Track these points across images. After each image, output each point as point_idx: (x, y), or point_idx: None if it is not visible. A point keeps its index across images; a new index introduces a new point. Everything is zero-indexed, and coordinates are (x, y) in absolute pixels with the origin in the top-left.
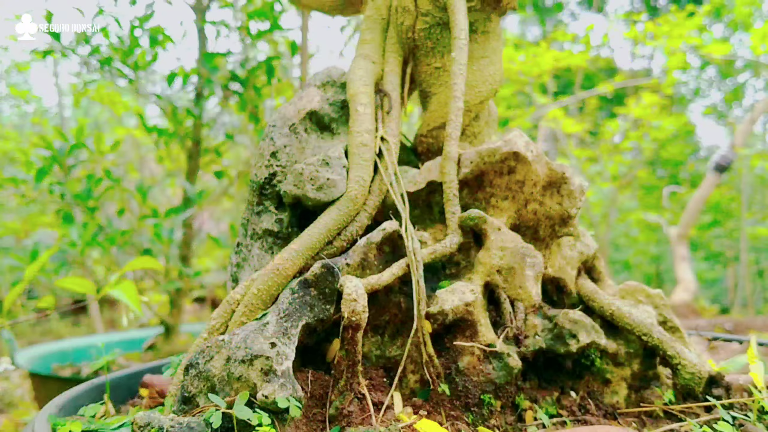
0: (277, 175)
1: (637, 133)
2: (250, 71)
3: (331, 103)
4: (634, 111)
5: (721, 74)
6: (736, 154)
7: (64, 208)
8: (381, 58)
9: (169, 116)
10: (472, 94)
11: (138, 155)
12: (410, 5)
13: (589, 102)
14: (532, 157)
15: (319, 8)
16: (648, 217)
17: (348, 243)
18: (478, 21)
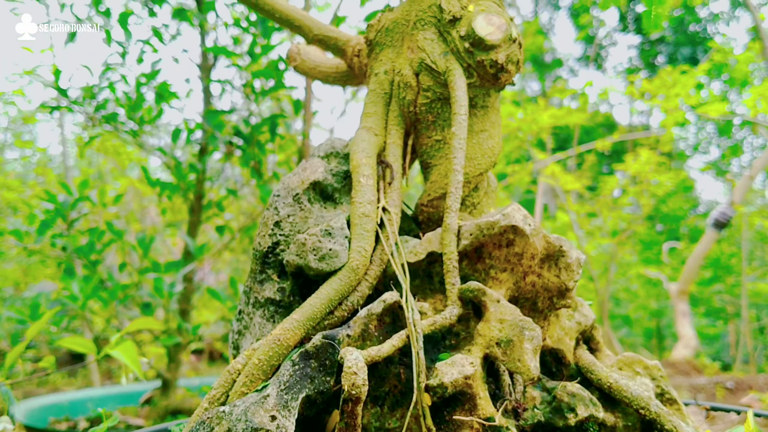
0: (280, 244)
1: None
2: (254, 127)
3: (334, 173)
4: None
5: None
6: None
7: (66, 261)
8: (383, 130)
9: (172, 170)
10: (471, 166)
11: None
12: (412, 81)
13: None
14: (530, 231)
15: (322, 79)
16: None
17: (349, 312)
18: (477, 96)
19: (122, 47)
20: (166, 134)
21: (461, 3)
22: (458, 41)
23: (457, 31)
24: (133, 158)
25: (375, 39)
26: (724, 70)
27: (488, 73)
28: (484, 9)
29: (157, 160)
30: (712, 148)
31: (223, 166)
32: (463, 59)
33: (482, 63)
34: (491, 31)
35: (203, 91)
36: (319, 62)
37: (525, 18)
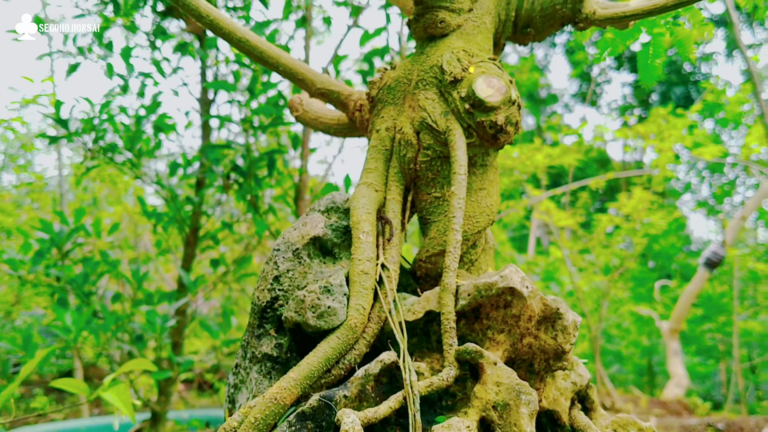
0: (279, 299)
1: (629, 226)
2: (252, 162)
3: (334, 228)
4: (625, 207)
5: (710, 169)
6: (726, 250)
7: (59, 291)
8: (383, 186)
9: (168, 203)
10: (470, 224)
11: (134, 231)
12: (413, 139)
13: (581, 194)
14: (528, 293)
15: (323, 130)
16: (640, 310)
17: (346, 371)
18: (476, 155)
19: (124, 80)
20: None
21: (462, 65)
22: (459, 102)
23: (458, 92)
24: (129, 188)
25: (377, 96)
26: (716, 110)
27: (488, 133)
28: (485, 71)
29: (153, 185)
30: (704, 187)
31: (219, 199)
32: (463, 119)
33: (482, 124)
34: (491, 94)
35: (202, 126)
36: (320, 113)
37: (521, 54)
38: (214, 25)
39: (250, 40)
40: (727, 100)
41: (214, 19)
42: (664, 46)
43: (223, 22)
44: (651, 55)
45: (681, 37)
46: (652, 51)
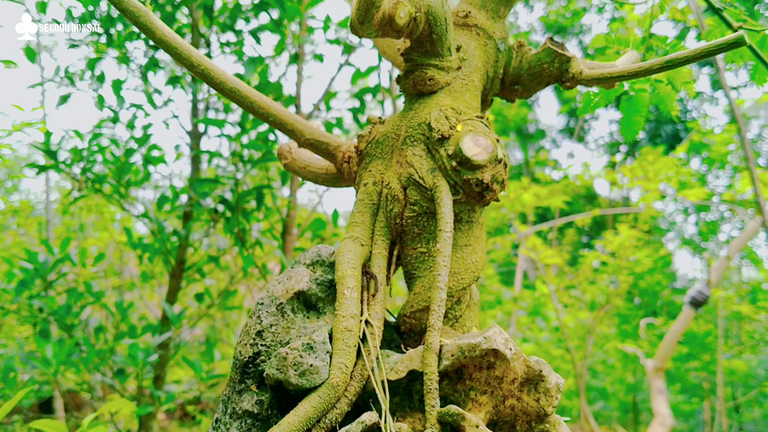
0: (261, 355)
1: (615, 262)
2: (240, 196)
3: (319, 282)
4: (612, 244)
5: (696, 208)
6: (711, 290)
7: (42, 322)
8: (369, 240)
9: (155, 235)
10: (455, 280)
11: (120, 257)
12: (400, 195)
13: (568, 231)
14: (511, 355)
15: (312, 179)
16: (625, 348)
17: (327, 430)
18: (462, 212)
19: (114, 112)
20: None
21: (450, 122)
22: (446, 159)
23: (445, 150)
24: (115, 219)
25: (366, 150)
26: (702, 150)
27: (474, 191)
28: (472, 129)
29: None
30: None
31: (206, 232)
32: (450, 177)
33: (468, 182)
34: (478, 152)
35: (191, 159)
36: (309, 162)
37: None
38: (206, 74)
39: (241, 90)
40: (713, 140)
41: (206, 68)
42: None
43: (215, 72)
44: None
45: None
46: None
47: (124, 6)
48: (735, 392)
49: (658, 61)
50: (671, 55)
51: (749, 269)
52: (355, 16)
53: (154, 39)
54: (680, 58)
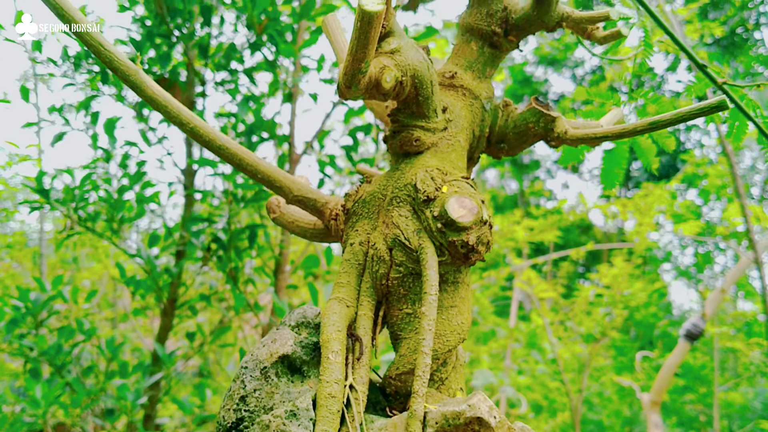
0: (245, 421)
1: (610, 294)
2: (233, 234)
3: (304, 345)
4: (607, 277)
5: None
6: (706, 323)
7: (32, 361)
8: (355, 301)
9: (147, 274)
10: (440, 343)
11: (113, 288)
12: (386, 255)
13: (563, 264)
14: (495, 423)
15: (300, 234)
16: (621, 381)
17: None
18: (448, 273)
19: (106, 152)
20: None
21: (436, 183)
22: (431, 221)
23: (431, 211)
24: (109, 253)
25: (352, 209)
26: (697, 182)
27: (459, 252)
28: (457, 191)
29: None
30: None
31: (199, 270)
32: (435, 238)
33: (453, 243)
34: (463, 214)
35: (185, 197)
36: (297, 217)
37: None
38: (195, 132)
39: (230, 148)
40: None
41: (195, 126)
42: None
43: (204, 130)
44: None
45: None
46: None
47: (114, 65)
48: (731, 425)
49: (641, 123)
50: (655, 118)
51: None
52: (341, 80)
53: (144, 97)
54: (663, 120)
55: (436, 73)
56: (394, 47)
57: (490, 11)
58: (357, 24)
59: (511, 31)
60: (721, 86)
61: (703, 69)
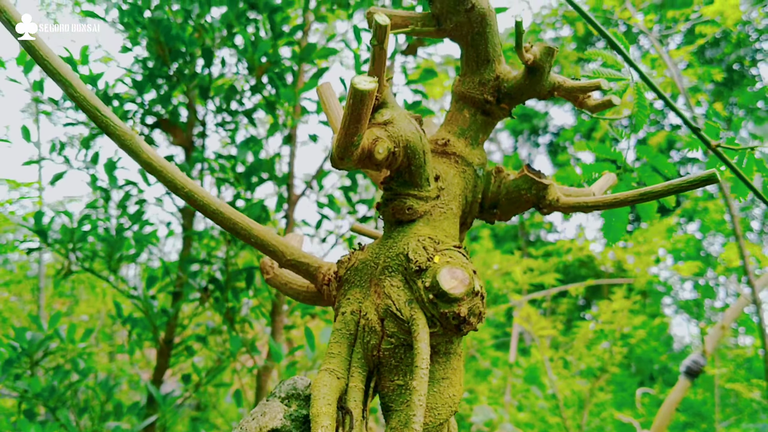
0: None
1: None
2: (230, 275)
3: (293, 418)
4: (605, 314)
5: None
6: (707, 360)
7: (27, 402)
8: (346, 373)
9: (143, 314)
10: (431, 416)
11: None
12: (377, 326)
13: (563, 301)
14: None
15: (293, 296)
16: (621, 417)
17: None
18: (440, 344)
19: (105, 192)
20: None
21: (428, 253)
22: (423, 292)
23: (423, 282)
24: (107, 291)
25: (344, 276)
26: (696, 216)
27: (451, 324)
28: (449, 261)
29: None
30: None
31: (195, 310)
32: (427, 309)
33: (445, 315)
34: (454, 285)
35: (183, 239)
36: (290, 279)
37: (505, 152)
38: (190, 196)
39: (224, 212)
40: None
41: (190, 191)
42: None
43: (199, 194)
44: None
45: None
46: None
47: (111, 130)
48: None
49: (632, 194)
50: (646, 189)
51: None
52: (334, 152)
53: (140, 162)
54: (654, 192)
55: (430, 139)
56: (387, 118)
57: (482, 80)
58: (350, 101)
59: (504, 99)
60: (714, 149)
61: (697, 132)
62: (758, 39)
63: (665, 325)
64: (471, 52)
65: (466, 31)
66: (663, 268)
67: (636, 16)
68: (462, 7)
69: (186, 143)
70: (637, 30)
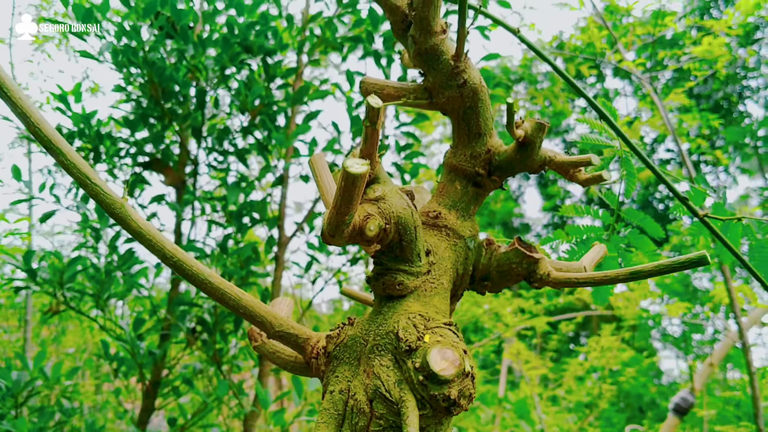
0: None
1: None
2: (219, 318)
3: None
4: (595, 350)
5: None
6: (695, 397)
7: None
8: None
9: (131, 355)
10: None
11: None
12: (366, 407)
13: (553, 336)
14: None
15: (281, 366)
16: None
17: None
18: (429, 426)
19: (96, 231)
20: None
21: (418, 331)
22: (413, 372)
23: (413, 362)
24: (94, 328)
25: (333, 352)
26: (684, 252)
27: (441, 406)
28: (440, 340)
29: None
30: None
31: (183, 351)
32: (417, 391)
33: (435, 397)
34: (445, 367)
35: (171, 282)
36: (279, 348)
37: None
38: (178, 266)
39: (213, 282)
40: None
41: (179, 260)
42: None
43: (188, 263)
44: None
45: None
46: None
47: (100, 198)
48: None
49: (623, 272)
50: (636, 268)
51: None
52: (325, 230)
53: (129, 230)
54: (644, 271)
55: (421, 211)
56: (378, 194)
57: (474, 153)
58: (341, 183)
59: (495, 172)
60: (702, 219)
61: (685, 202)
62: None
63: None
64: (463, 126)
65: (458, 106)
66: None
67: (627, 58)
68: (454, 82)
69: (178, 183)
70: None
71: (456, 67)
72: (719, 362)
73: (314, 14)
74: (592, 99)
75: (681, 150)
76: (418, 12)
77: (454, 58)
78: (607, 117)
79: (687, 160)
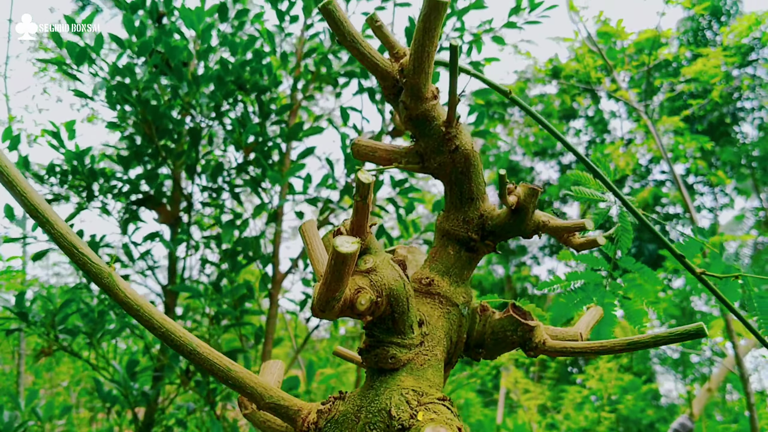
0: None
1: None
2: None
3: None
4: (593, 379)
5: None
6: (694, 422)
7: None
8: None
9: (124, 396)
10: None
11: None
12: None
13: (551, 364)
14: None
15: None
16: None
17: None
18: None
19: None
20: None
21: (411, 408)
22: None
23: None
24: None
25: (324, 429)
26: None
27: None
28: (433, 417)
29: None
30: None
31: (176, 393)
32: None
33: None
34: None
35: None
36: (269, 418)
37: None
38: (166, 336)
39: (201, 352)
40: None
41: (167, 330)
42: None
43: (177, 333)
44: (602, 324)
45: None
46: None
47: (88, 267)
48: None
49: (620, 342)
50: (634, 338)
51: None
52: (315, 305)
53: (117, 300)
54: (642, 341)
55: (414, 278)
56: (370, 266)
57: (466, 218)
58: (331, 261)
59: (488, 237)
60: (699, 276)
61: (682, 260)
62: (740, 98)
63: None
64: (455, 190)
65: (449, 171)
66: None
67: (623, 87)
68: (446, 148)
69: (171, 220)
70: (624, 85)
71: (447, 133)
72: (717, 387)
73: (308, 51)
74: (586, 158)
75: (674, 173)
76: (409, 78)
77: (446, 124)
78: (601, 175)
79: (680, 183)
